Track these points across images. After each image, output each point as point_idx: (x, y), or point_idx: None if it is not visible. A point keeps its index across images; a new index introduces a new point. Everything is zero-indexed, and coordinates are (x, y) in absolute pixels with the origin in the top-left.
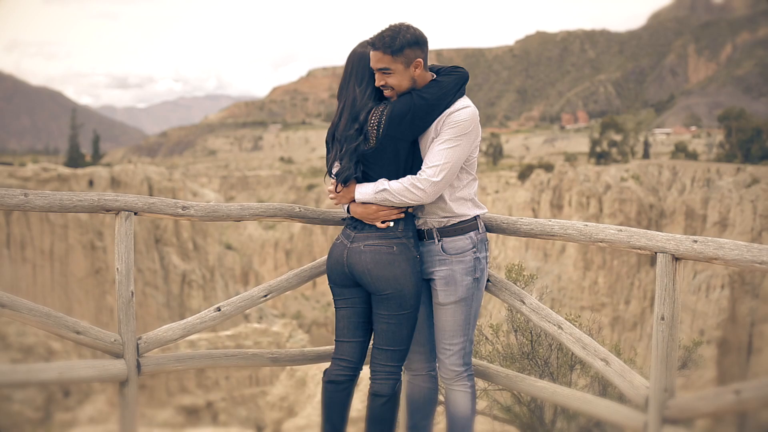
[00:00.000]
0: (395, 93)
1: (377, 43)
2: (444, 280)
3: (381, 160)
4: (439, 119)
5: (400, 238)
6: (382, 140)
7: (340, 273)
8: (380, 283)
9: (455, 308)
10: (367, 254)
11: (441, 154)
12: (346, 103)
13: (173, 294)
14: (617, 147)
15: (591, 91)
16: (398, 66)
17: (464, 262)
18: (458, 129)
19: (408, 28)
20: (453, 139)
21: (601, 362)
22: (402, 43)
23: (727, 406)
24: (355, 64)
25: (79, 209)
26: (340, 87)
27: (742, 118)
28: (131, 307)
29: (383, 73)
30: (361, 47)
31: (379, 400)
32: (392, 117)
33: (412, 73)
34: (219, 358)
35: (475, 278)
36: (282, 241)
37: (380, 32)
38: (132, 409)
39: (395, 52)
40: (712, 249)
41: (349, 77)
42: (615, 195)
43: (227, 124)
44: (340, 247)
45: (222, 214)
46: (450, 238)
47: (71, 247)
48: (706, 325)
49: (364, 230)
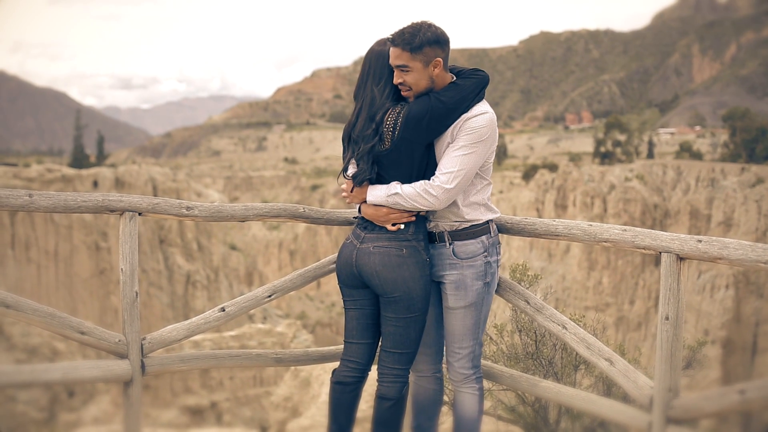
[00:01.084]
0: (413, 93)
1: (397, 40)
2: (454, 285)
3: (395, 162)
4: (455, 124)
5: (410, 240)
6: (397, 142)
7: (349, 274)
8: (388, 285)
9: (465, 312)
10: (376, 256)
11: (456, 160)
12: (363, 102)
13: (177, 294)
14: (621, 147)
15: (595, 91)
16: (417, 64)
17: (475, 266)
18: (475, 135)
19: (429, 27)
20: (469, 146)
21: (606, 362)
22: (422, 41)
23: (732, 406)
24: (372, 63)
25: (83, 210)
26: (357, 86)
27: (747, 117)
28: (135, 307)
29: (401, 70)
30: (379, 45)
31: (386, 403)
32: (408, 119)
33: (431, 72)
34: (223, 358)
35: (485, 283)
36: (286, 242)
37: (401, 29)
38: (136, 409)
39: (414, 50)
40: (717, 249)
41: (367, 76)
42: (619, 195)
43: (231, 125)
44: (349, 248)
45: (226, 214)
46: (461, 242)
47: (76, 247)
48: (710, 325)
49: (374, 231)
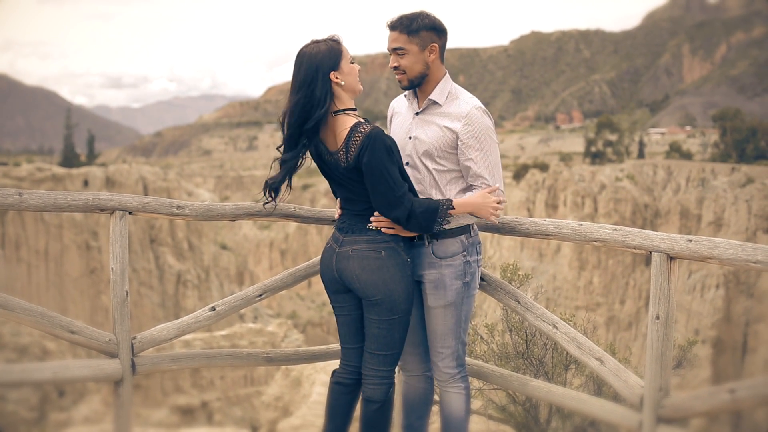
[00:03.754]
0: (407, 77)
1: (395, 23)
2: (433, 284)
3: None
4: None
5: (388, 241)
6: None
7: (331, 279)
8: (369, 288)
9: (445, 312)
10: (355, 259)
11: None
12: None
13: (168, 294)
14: (612, 147)
15: (586, 90)
16: (413, 47)
17: (454, 266)
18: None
19: (428, 15)
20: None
21: (596, 362)
22: (419, 25)
23: (722, 405)
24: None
25: (73, 209)
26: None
27: (737, 117)
28: (126, 306)
29: (397, 54)
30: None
31: (373, 405)
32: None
33: (427, 57)
34: (214, 357)
35: (464, 282)
36: (277, 241)
37: (399, 15)
38: (127, 408)
39: (411, 32)
40: (707, 248)
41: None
42: (610, 195)
43: (222, 124)
44: (329, 252)
45: (217, 213)
46: (440, 241)
47: (66, 246)
48: (701, 324)
49: (352, 233)
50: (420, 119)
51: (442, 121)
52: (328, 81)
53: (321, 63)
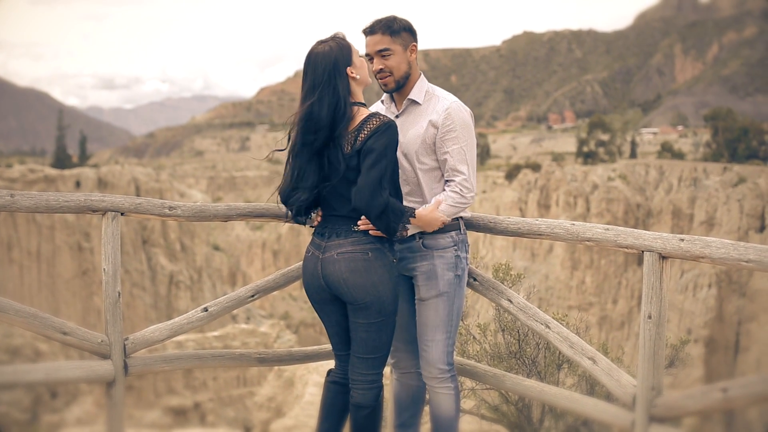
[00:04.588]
0: (393, 78)
1: (375, 27)
2: (425, 275)
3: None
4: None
5: (374, 243)
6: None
7: (317, 287)
8: (358, 291)
9: (437, 302)
10: (342, 262)
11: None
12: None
13: (160, 295)
14: (604, 147)
15: (578, 91)
16: (397, 47)
17: (446, 257)
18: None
19: (401, 17)
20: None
21: (589, 361)
22: (400, 26)
23: (715, 404)
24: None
25: (65, 210)
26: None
27: (729, 117)
28: (118, 307)
29: (382, 56)
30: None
31: (363, 411)
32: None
33: (409, 57)
34: (206, 358)
35: (456, 275)
36: (269, 242)
37: (374, 20)
38: (119, 410)
39: (394, 33)
40: (699, 247)
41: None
42: (602, 194)
43: (214, 125)
44: (312, 260)
45: (209, 214)
46: (431, 235)
47: (58, 248)
48: (693, 323)
49: (335, 238)
50: (401, 121)
51: (423, 118)
52: (346, 76)
53: (337, 60)
